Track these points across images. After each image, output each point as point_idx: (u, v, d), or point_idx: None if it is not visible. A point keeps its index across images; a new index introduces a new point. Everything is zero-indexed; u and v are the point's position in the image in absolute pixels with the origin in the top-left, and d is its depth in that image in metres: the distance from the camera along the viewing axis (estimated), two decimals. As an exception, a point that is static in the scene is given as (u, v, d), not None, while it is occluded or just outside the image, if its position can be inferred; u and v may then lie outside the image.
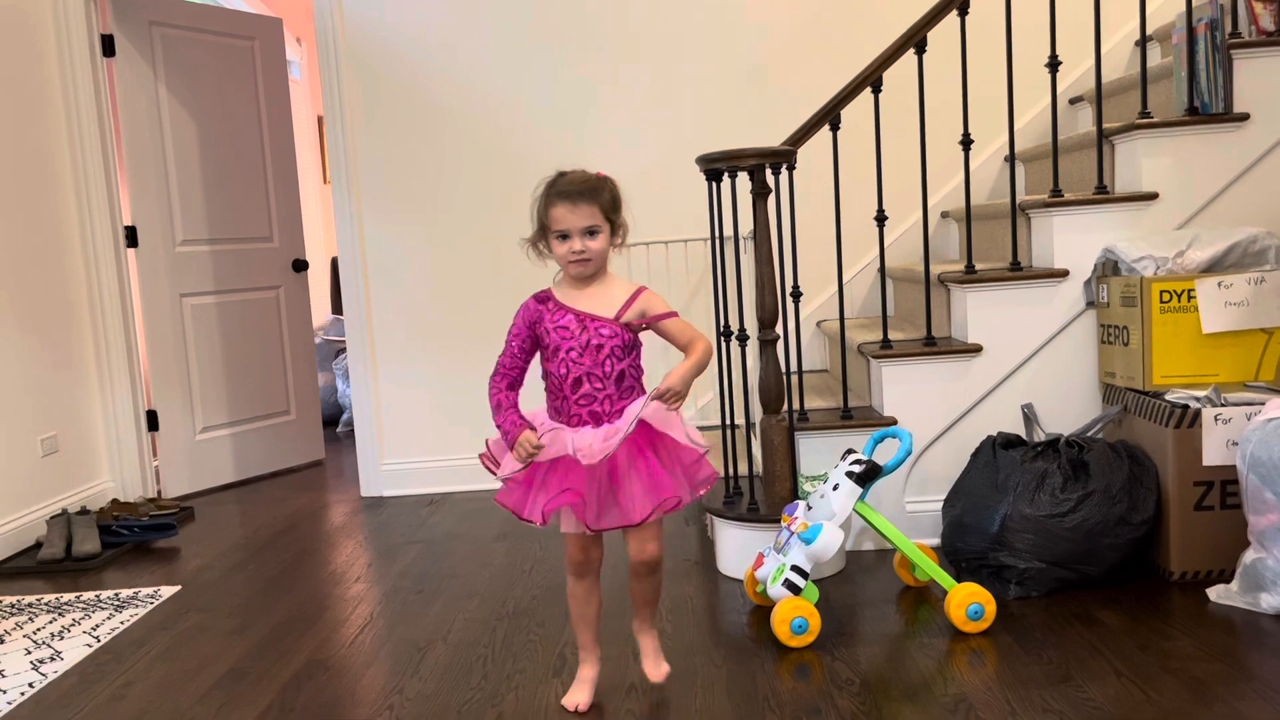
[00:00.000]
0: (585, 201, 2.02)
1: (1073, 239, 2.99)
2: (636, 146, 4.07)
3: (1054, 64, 2.99)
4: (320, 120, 7.11)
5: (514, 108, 4.14)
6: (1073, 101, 4.00)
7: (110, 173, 4.16)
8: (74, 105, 4.07)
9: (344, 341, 5.56)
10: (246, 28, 4.73)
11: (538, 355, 2.11)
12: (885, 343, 3.09)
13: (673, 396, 1.97)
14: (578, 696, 2.17)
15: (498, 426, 2.07)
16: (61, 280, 4.01)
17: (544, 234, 2.07)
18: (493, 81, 4.13)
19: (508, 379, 2.09)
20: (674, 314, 2.10)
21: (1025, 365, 3.03)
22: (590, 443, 2.00)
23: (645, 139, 4.07)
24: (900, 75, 3.06)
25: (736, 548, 2.93)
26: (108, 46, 4.18)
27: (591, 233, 2.02)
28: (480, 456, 2.15)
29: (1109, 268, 2.96)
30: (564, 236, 2.03)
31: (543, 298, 2.10)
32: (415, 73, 4.14)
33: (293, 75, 6.57)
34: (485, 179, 4.16)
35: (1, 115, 3.72)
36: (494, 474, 2.10)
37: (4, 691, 2.44)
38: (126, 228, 4.25)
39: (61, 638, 2.78)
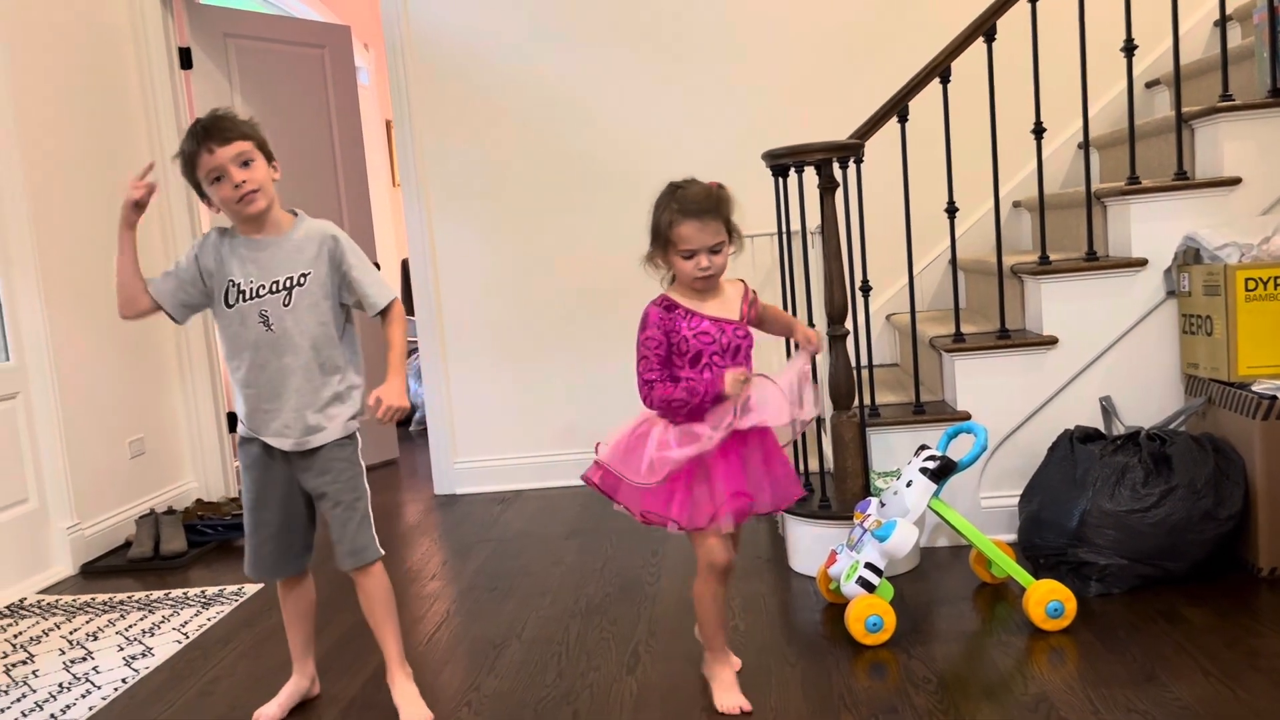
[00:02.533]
0: (713, 218, 2.00)
1: (1151, 227, 2.91)
2: (702, 143, 4.06)
3: (1129, 48, 2.92)
4: (389, 124, 7.22)
5: (580, 107, 4.16)
6: (1149, 85, 3.90)
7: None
8: (154, 117, 4.19)
9: (416, 342, 5.65)
10: (316, 36, 4.83)
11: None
12: (958, 336, 3.05)
13: (816, 346, 2.14)
14: (735, 699, 2.11)
15: (683, 402, 2.02)
16: (145, 287, 4.13)
17: (665, 247, 2.04)
18: (558, 82, 4.16)
19: (665, 383, 2.05)
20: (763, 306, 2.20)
21: (1103, 357, 2.97)
22: (777, 396, 2.07)
23: (711, 135, 4.07)
24: (969, 65, 3.01)
25: (808, 545, 2.91)
26: (185, 59, 4.30)
27: (716, 250, 2.02)
28: (586, 478, 2.14)
29: (1190, 256, 2.88)
30: (691, 254, 2.01)
31: (668, 305, 2.07)
32: (481, 75, 4.18)
33: (361, 81, 6.68)
34: (552, 179, 4.20)
35: (85, 128, 3.85)
36: (629, 480, 2.07)
37: (99, 687, 2.53)
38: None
39: (152, 634, 2.87)
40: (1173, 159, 2.98)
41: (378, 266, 4.99)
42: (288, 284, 2.12)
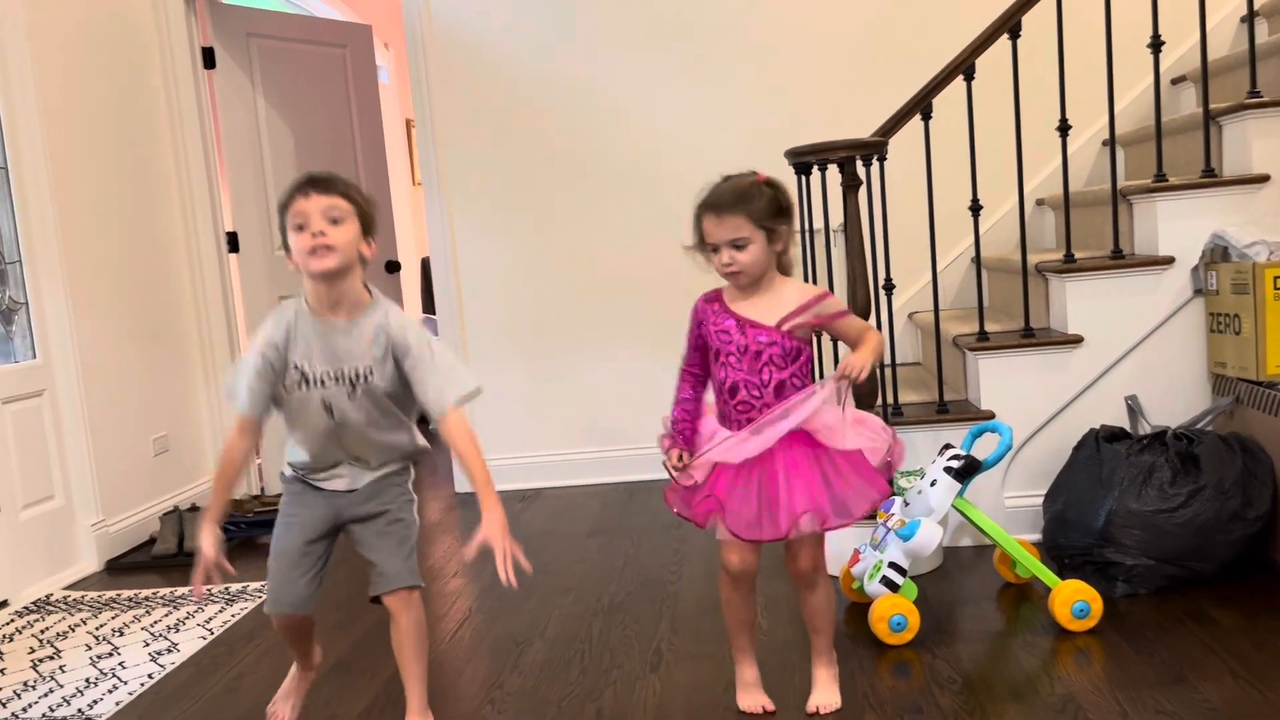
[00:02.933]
0: (730, 213, 1.92)
1: (1178, 225, 2.89)
2: (724, 141, 4.05)
3: (1156, 43, 2.89)
4: (409, 123, 7.25)
5: (601, 106, 4.16)
6: (1175, 82, 3.86)
7: (212, 181, 4.30)
8: (177, 116, 4.22)
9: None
10: (337, 36, 4.84)
11: None
12: (982, 334, 3.03)
13: (851, 375, 1.90)
14: (757, 699, 2.12)
15: (668, 423, 2.09)
16: (167, 286, 4.16)
17: (700, 243, 2.00)
18: (579, 80, 4.16)
19: (689, 381, 2.07)
20: (847, 312, 2.05)
21: (1129, 356, 2.95)
22: (732, 442, 1.97)
23: (733, 133, 4.05)
24: (993, 62, 2.99)
25: (832, 544, 2.90)
26: (208, 59, 4.32)
27: (738, 245, 1.92)
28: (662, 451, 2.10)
29: (1218, 254, 2.85)
30: (715, 249, 1.95)
31: (710, 298, 2.04)
32: (502, 74, 4.19)
33: (381, 80, 6.70)
34: (574, 178, 4.20)
35: (109, 127, 3.88)
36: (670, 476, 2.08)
37: (125, 682, 2.55)
38: (228, 234, 4.39)
39: (177, 630, 2.89)
40: (1199, 156, 2.96)
41: (398, 266, 5.02)
42: (353, 376, 1.97)
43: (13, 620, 3.09)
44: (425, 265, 6.64)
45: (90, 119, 3.78)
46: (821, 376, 2.19)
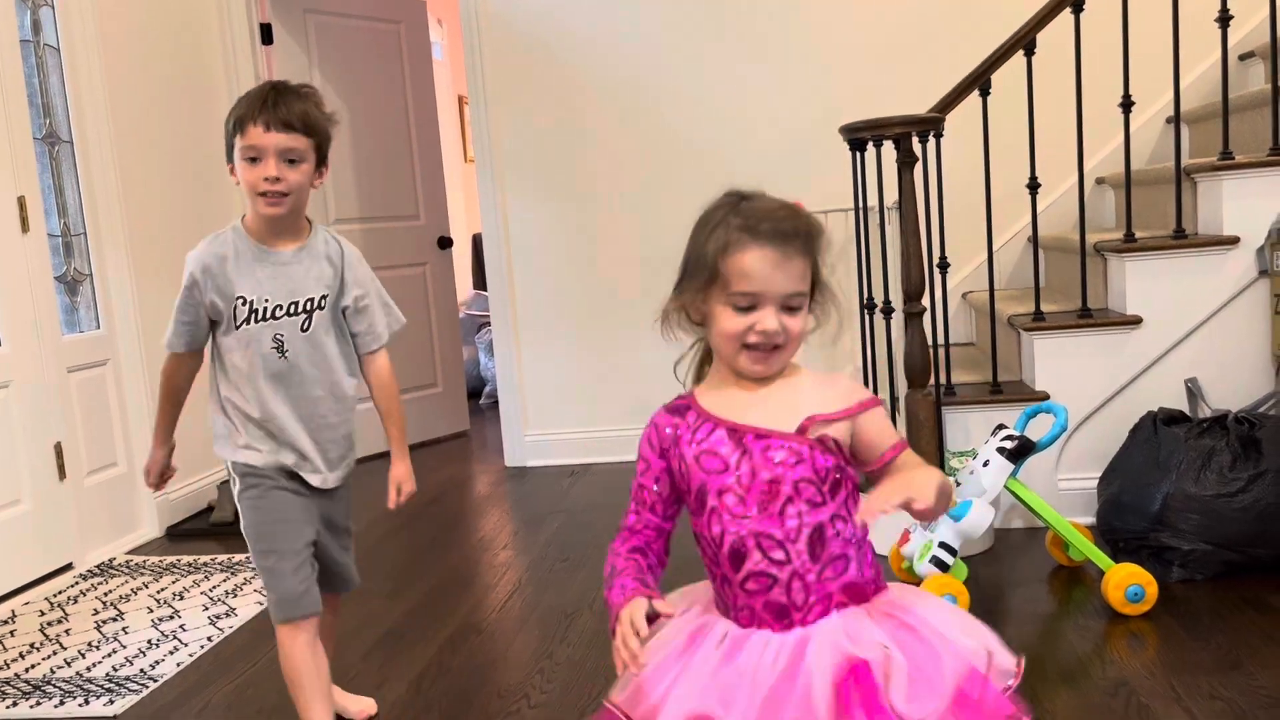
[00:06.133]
0: (796, 249, 1.23)
1: (1244, 204, 2.82)
2: (779, 118, 4.03)
3: (1224, 17, 2.82)
4: (461, 100, 7.28)
5: (655, 83, 4.14)
6: (1243, 58, 3.76)
7: (269, 156, 4.36)
8: (236, 92, 4.26)
9: (486, 316, 5.71)
10: (392, 11, 4.87)
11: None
12: (1037, 314, 2.99)
13: (921, 504, 1.18)
14: None
15: (608, 607, 1.26)
16: (227, 259, 4.24)
17: (706, 289, 1.25)
18: (633, 57, 4.15)
19: (634, 556, 1.32)
20: (904, 444, 1.32)
21: (1189, 338, 2.89)
22: (774, 659, 1.20)
23: (787, 110, 4.02)
24: (1054, 36, 2.93)
25: (881, 523, 2.87)
26: (266, 35, 4.37)
27: (792, 306, 1.23)
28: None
29: (1284, 234, 2.78)
30: (749, 305, 1.23)
31: (677, 407, 1.32)
32: (555, 51, 4.19)
33: (435, 56, 6.74)
34: (625, 154, 4.19)
35: (170, 103, 3.95)
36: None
37: (186, 644, 2.62)
38: (284, 208, 4.45)
39: (235, 595, 2.96)
40: (1266, 134, 2.88)
41: (450, 242, 5.06)
42: (306, 305, 1.86)
43: (77, 583, 3.19)
44: (477, 241, 6.69)
45: (152, 94, 3.84)
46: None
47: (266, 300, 1.84)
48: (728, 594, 1.27)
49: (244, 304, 1.84)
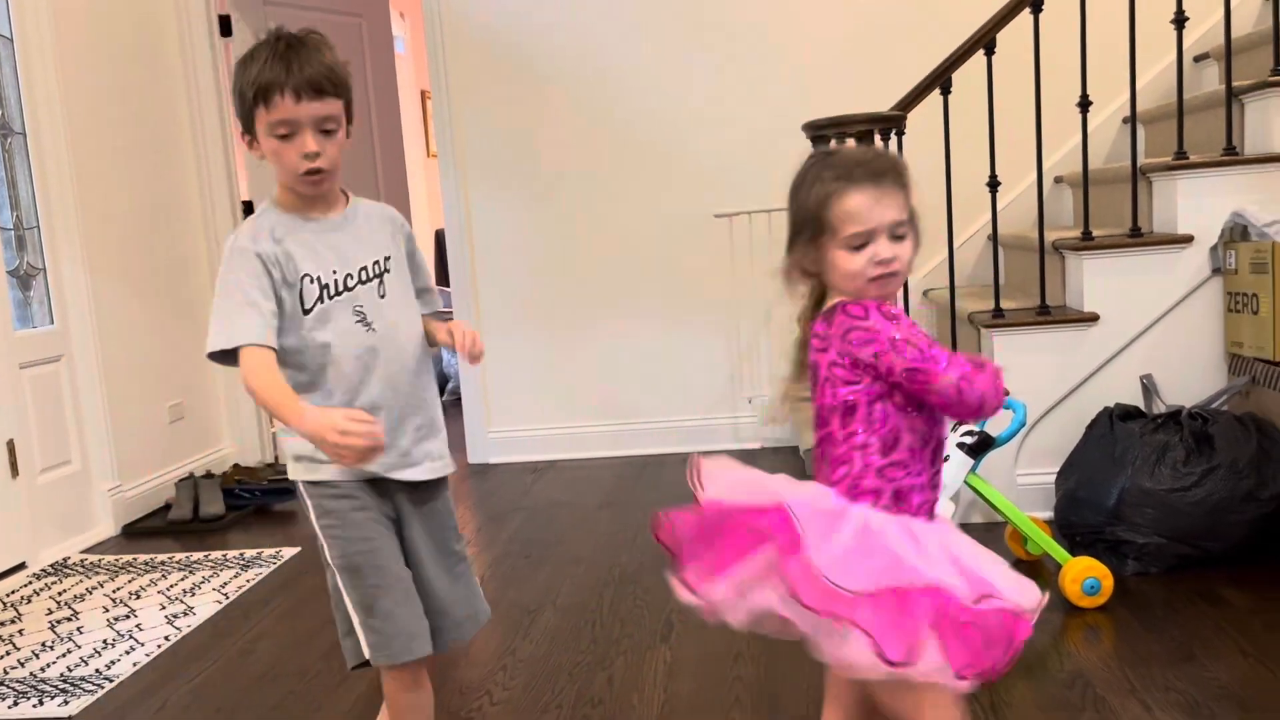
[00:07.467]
0: (893, 183, 1.40)
1: (1198, 203, 2.87)
2: (742, 115, 4.03)
3: (1180, 19, 2.86)
4: (424, 94, 7.23)
5: (618, 77, 4.14)
6: (1197, 59, 3.82)
7: (228, 150, 4.31)
8: (194, 85, 4.22)
9: (450, 312, 5.66)
10: (354, 5, 4.83)
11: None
12: (997, 312, 3.02)
13: None
14: None
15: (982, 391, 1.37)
16: (183, 254, 4.18)
17: (816, 240, 1.41)
18: (597, 52, 4.14)
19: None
20: None
21: (1145, 335, 2.93)
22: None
23: (751, 106, 4.03)
24: (1014, 37, 2.96)
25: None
26: (225, 27, 4.31)
27: (899, 234, 1.40)
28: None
29: (1237, 233, 2.83)
30: (863, 243, 1.38)
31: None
32: (519, 45, 4.17)
33: (397, 50, 6.69)
34: (590, 150, 4.18)
35: (126, 95, 3.88)
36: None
37: (142, 644, 2.58)
38: (244, 203, 4.39)
39: (193, 594, 2.92)
40: (1220, 134, 2.93)
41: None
42: (375, 270, 1.63)
43: (30, 582, 3.13)
44: (439, 237, 6.64)
45: (107, 86, 3.78)
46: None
47: (335, 272, 1.60)
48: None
49: (312, 281, 1.58)
